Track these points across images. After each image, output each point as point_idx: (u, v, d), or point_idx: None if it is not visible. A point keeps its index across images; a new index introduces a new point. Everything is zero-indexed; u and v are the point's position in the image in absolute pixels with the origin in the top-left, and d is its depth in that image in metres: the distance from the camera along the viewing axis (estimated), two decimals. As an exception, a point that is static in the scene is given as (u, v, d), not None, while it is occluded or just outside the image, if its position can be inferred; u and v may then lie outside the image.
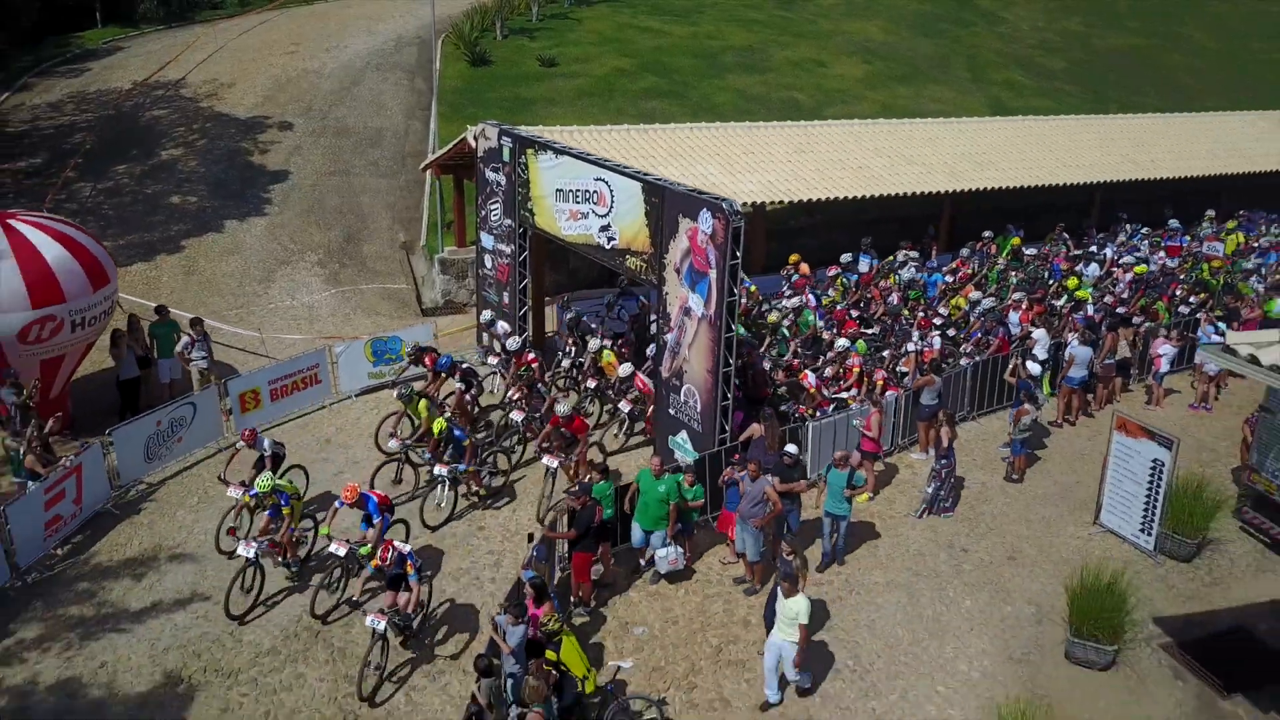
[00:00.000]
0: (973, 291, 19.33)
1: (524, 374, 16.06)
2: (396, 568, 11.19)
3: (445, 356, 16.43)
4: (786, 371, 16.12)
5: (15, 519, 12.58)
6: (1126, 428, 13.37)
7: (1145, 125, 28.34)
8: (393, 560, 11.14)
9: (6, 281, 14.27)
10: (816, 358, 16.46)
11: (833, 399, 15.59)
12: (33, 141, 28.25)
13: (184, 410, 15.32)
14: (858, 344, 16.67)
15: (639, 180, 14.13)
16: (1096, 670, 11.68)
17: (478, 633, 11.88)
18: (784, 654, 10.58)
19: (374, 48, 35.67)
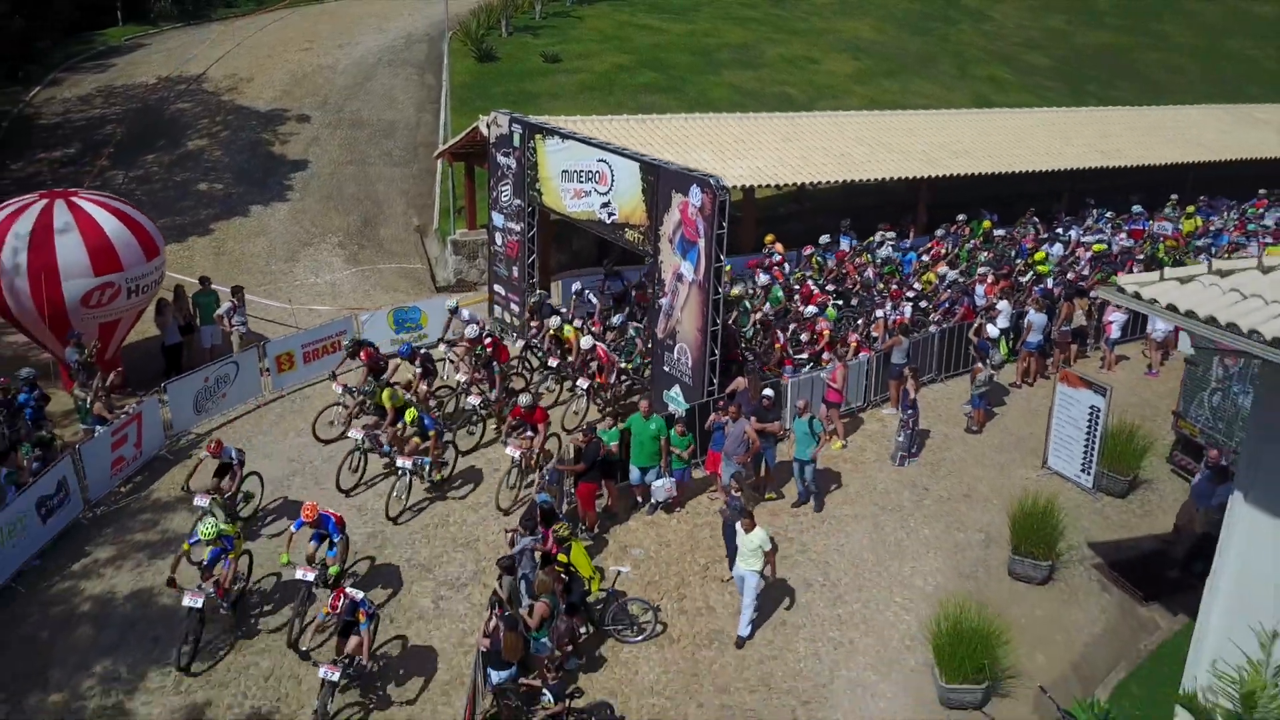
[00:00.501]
0: (942, 267, 21.03)
1: (480, 353, 16.65)
2: (348, 615, 10.92)
3: (405, 345, 16.99)
4: (760, 333, 17.79)
5: (87, 458, 14.30)
6: (1068, 379, 15.11)
7: (1113, 117, 30.08)
8: (344, 608, 10.86)
9: (72, 252, 15.99)
10: (787, 326, 18.11)
11: (795, 358, 17.25)
12: (65, 133, 29.99)
13: (228, 369, 17.06)
14: (827, 311, 18.38)
15: (636, 160, 15.86)
16: (1035, 584, 13.42)
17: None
18: (747, 582, 12.11)
19: (385, 45, 37.38)
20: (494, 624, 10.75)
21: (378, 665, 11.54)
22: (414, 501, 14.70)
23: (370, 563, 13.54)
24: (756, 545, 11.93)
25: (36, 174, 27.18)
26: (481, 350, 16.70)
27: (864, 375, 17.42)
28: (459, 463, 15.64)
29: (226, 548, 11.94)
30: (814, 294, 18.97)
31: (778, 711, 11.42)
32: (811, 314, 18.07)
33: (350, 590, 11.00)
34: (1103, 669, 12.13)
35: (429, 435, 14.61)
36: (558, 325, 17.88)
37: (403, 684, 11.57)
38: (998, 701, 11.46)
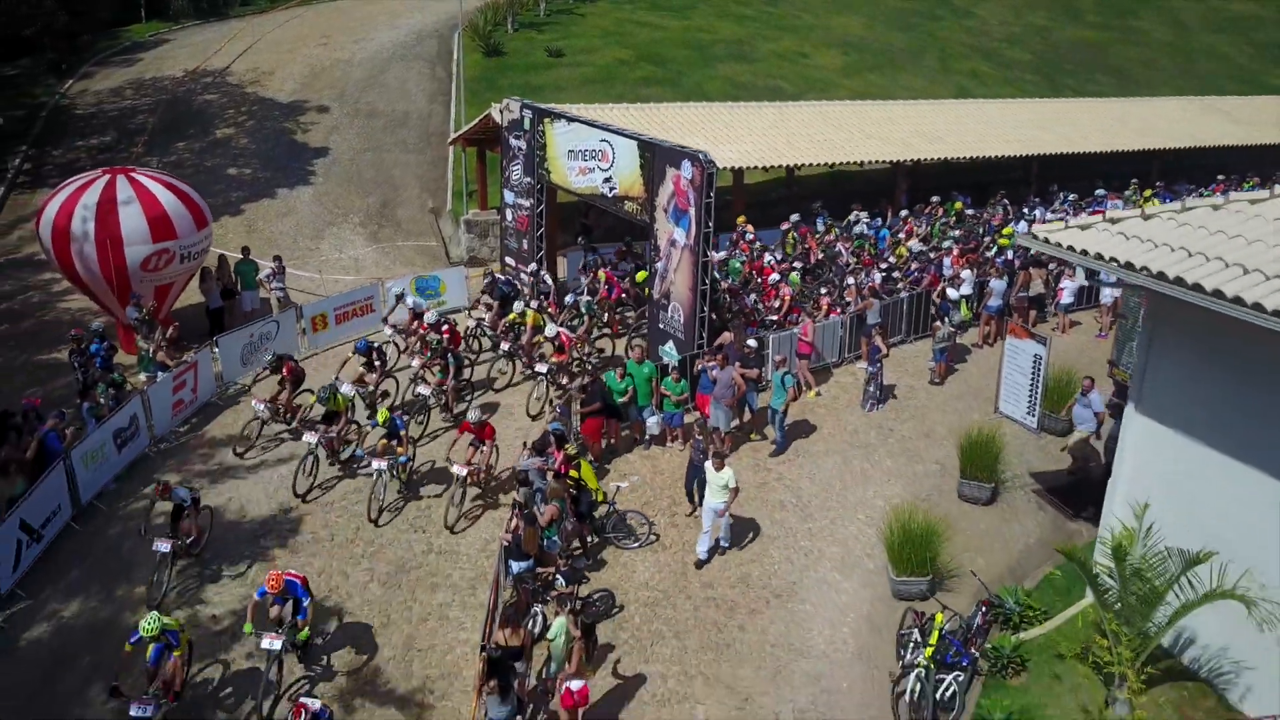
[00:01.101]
0: (913, 241, 23.06)
1: (435, 344, 17.14)
2: None
3: (362, 340, 17.34)
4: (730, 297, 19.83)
5: (154, 398, 16.34)
6: (1015, 332, 17.09)
7: (1083, 108, 32.10)
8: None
9: (133, 221, 18.02)
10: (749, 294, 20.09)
11: (762, 319, 19.21)
12: (101, 122, 32.03)
13: (269, 327, 19.09)
14: (790, 278, 20.38)
15: (635, 139, 17.89)
16: (980, 505, 15.46)
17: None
18: (714, 510, 13.83)
19: (397, 40, 39.41)
20: (515, 523, 12.78)
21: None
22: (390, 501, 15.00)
23: (338, 621, 12.89)
24: (723, 483, 13.58)
25: (76, 160, 29.22)
26: (438, 341, 17.20)
27: (838, 334, 19.45)
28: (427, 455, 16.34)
29: (171, 643, 10.96)
30: (766, 268, 20.87)
31: (754, 602, 13.45)
32: (775, 281, 20.08)
33: (307, 701, 10.19)
34: (1033, 569, 14.16)
35: (399, 435, 14.78)
36: (520, 311, 18.67)
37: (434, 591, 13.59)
38: (942, 594, 13.45)
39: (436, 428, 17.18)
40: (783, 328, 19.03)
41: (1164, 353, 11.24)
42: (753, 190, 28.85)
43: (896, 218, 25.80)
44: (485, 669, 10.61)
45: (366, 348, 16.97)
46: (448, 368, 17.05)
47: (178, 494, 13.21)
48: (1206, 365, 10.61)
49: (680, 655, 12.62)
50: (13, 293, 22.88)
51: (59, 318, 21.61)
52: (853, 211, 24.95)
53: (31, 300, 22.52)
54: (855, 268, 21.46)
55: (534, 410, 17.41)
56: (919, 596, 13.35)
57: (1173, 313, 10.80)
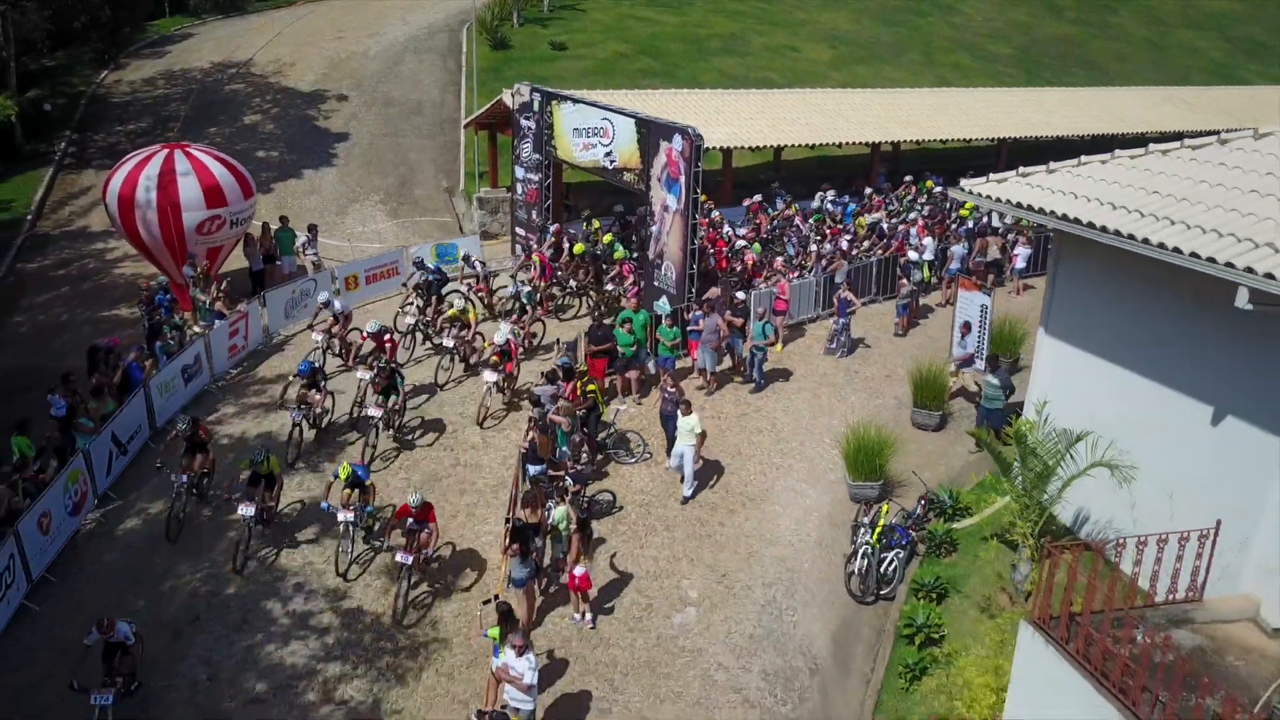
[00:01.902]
0: (874, 215, 25.50)
1: (382, 364, 16.79)
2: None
3: (305, 363, 16.76)
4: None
5: (214, 341, 18.77)
6: (964, 285, 19.54)
7: (1051, 96, 34.48)
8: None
9: (190, 190, 20.43)
10: None
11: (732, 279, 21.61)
12: (136, 110, 34.42)
13: (308, 285, 21.52)
14: (754, 246, 22.78)
15: (632, 117, 20.30)
16: (930, 430, 17.87)
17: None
18: (686, 456, 15.86)
19: (409, 35, 41.80)
20: (531, 434, 15.20)
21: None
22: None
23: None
24: (690, 428, 15.59)
25: (116, 143, 31.61)
26: (383, 363, 16.86)
27: (813, 291, 21.88)
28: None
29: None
30: (719, 240, 23.10)
31: (732, 504, 15.88)
32: (741, 246, 22.52)
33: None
34: (970, 478, 16.57)
35: (366, 485, 14.40)
36: (461, 308, 19.08)
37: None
38: (891, 500, 15.84)
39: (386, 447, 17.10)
40: (752, 287, 21.42)
41: (1064, 286, 13.64)
42: (743, 171, 31.30)
43: (864, 196, 28.16)
44: (509, 536, 13.05)
45: (309, 370, 16.51)
46: (395, 388, 16.68)
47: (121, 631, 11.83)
48: (1093, 294, 13.00)
49: (670, 544, 15.06)
50: (70, 260, 25.31)
51: (114, 281, 24.06)
52: (820, 191, 27.33)
53: (88, 266, 24.94)
54: (816, 238, 23.83)
55: (483, 421, 17.44)
56: (871, 499, 15.74)
57: (1073, 250, 13.19)
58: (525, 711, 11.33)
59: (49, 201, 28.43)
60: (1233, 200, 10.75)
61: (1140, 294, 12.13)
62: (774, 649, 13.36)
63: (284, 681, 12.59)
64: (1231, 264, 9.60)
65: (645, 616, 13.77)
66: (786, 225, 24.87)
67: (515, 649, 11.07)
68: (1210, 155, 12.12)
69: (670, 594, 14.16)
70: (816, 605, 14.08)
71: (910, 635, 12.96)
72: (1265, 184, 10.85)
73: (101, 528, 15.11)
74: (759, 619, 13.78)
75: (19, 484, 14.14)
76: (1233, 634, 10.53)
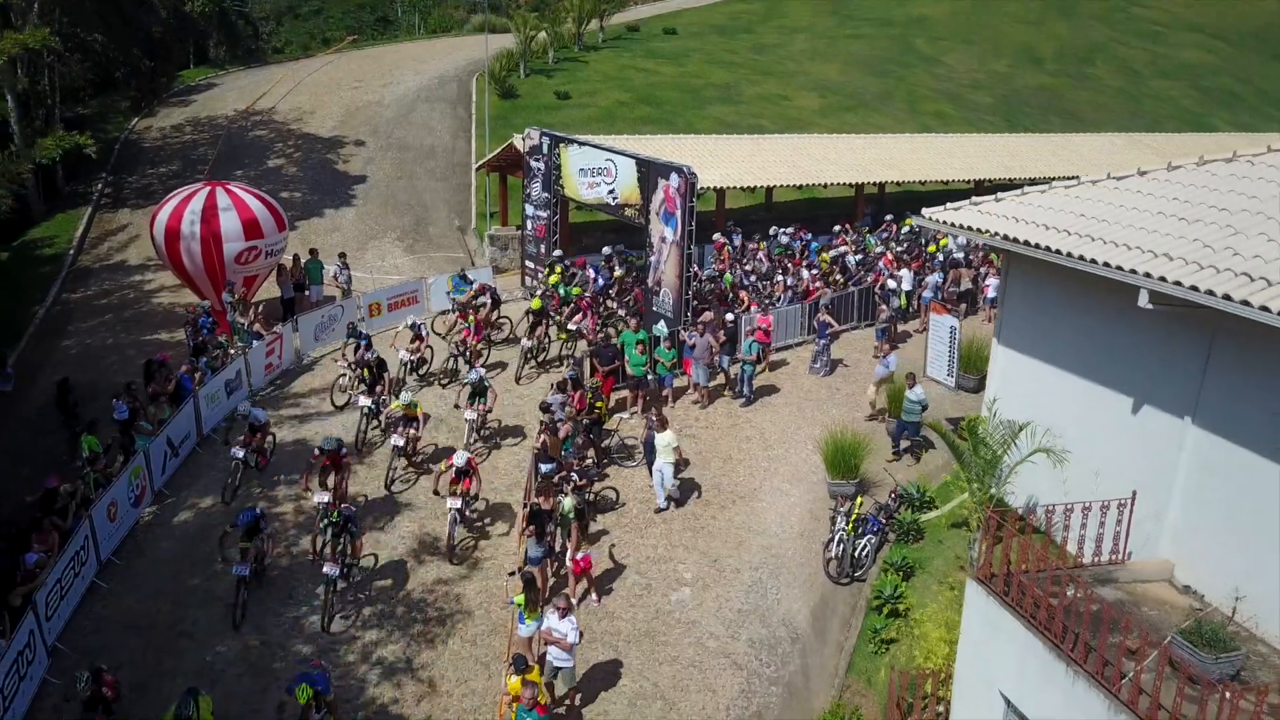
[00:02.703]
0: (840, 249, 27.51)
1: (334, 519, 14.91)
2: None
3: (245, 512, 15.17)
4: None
5: (253, 359, 20.65)
6: (936, 309, 21.45)
7: (1024, 141, 36.73)
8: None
9: (231, 223, 22.44)
10: None
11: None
12: (166, 154, 36.65)
13: (335, 311, 23.45)
14: (725, 277, 24.75)
15: (633, 158, 22.36)
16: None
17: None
18: (665, 473, 17.50)
19: (422, 84, 44.19)
20: (543, 437, 17.02)
21: None
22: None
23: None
24: (667, 443, 17.15)
25: (149, 185, 33.81)
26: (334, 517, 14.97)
27: (796, 319, 23.84)
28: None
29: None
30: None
31: (723, 501, 17.65)
32: (714, 275, 24.55)
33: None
34: (939, 478, 18.34)
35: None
36: (409, 402, 17.78)
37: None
38: (866, 495, 17.59)
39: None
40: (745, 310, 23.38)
41: (1013, 300, 15.54)
42: (736, 212, 33.38)
43: (832, 234, 30.13)
44: (526, 519, 14.82)
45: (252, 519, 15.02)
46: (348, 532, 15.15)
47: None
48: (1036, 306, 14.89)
49: (667, 535, 16.82)
50: (111, 290, 27.26)
51: (153, 309, 26.01)
52: (772, 228, 29.32)
53: (128, 296, 26.90)
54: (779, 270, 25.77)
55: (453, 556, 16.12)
56: (848, 495, 17.48)
57: (1019, 269, 15.11)
58: (567, 669, 12.99)
59: (88, 238, 30.48)
60: (1143, 220, 12.68)
61: (1073, 303, 14.02)
62: (760, 621, 15.05)
63: (327, 645, 14.28)
64: (1134, 270, 11.51)
65: (645, 594, 15.49)
66: (748, 259, 26.80)
67: (559, 611, 12.73)
68: (1130, 185, 14.10)
69: (668, 576, 15.89)
70: (798, 585, 15.80)
71: (879, 606, 14.68)
72: (1170, 207, 12.80)
73: (157, 519, 16.86)
74: (746, 596, 15.50)
75: (90, 476, 15.92)
76: (1150, 590, 12.28)
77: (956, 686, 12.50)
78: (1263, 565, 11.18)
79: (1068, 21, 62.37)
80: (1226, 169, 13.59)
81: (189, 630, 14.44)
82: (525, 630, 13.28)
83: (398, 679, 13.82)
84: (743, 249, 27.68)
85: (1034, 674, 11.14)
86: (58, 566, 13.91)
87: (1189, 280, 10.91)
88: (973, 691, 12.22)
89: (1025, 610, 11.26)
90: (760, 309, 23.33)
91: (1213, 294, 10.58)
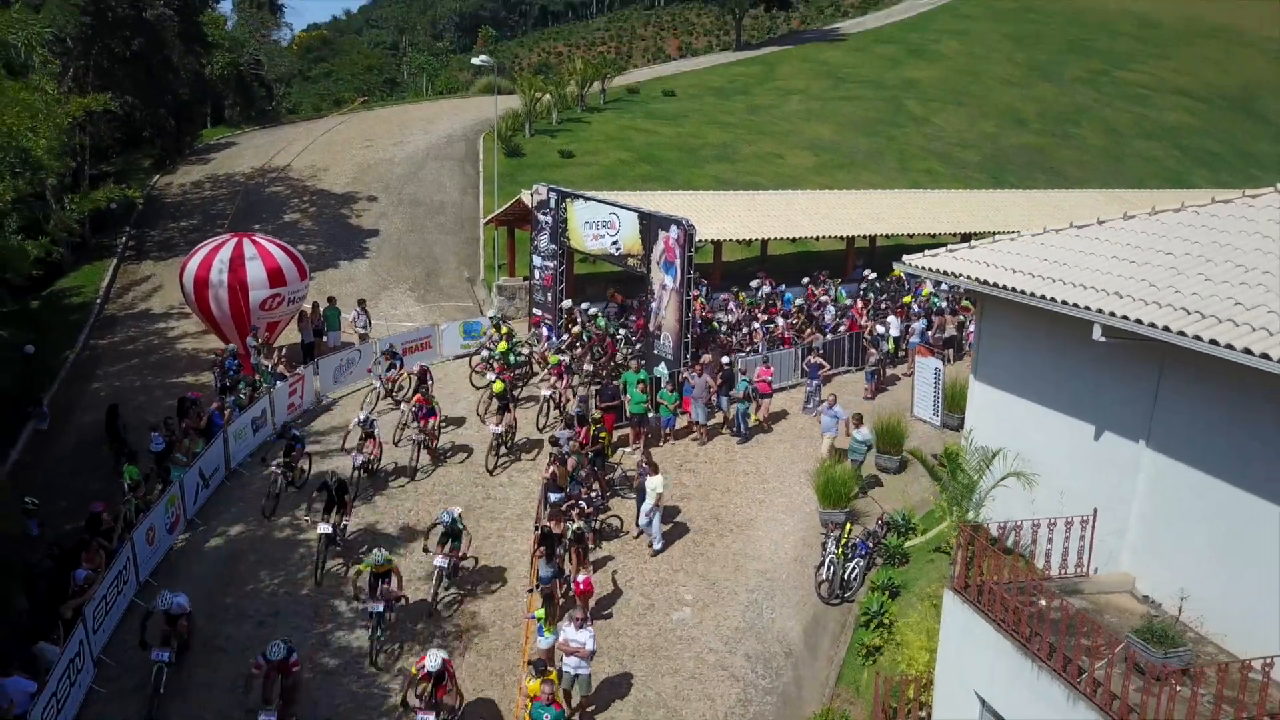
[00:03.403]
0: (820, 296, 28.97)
1: None
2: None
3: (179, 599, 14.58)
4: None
5: (277, 398, 21.90)
6: (921, 352, 22.78)
7: (1007, 197, 38.39)
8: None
9: (256, 271, 23.85)
10: None
11: None
12: (187, 209, 38.28)
13: (353, 354, 24.76)
14: (710, 325, 26.14)
15: (635, 211, 23.85)
16: (892, 473, 20.85)
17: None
18: (653, 516, 18.46)
19: (430, 143, 46.03)
20: (551, 468, 18.20)
21: None
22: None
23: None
24: (654, 487, 18.31)
25: (170, 238, 35.36)
26: None
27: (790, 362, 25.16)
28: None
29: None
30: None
31: (722, 529, 18.77)
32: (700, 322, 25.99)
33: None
34: (924, 509, 19.48)
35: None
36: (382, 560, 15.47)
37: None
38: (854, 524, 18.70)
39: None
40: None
41: (987, 339, 16.85)
42: (734, 265, 34.87)
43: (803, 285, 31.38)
44: (538, 541, 15.96)
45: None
46: None
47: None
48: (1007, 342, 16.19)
49: (668, 559, 17.93)
50: (136, 337, 28.59)
51: (177, 355, 27.32)
52: (754, 280, 30.69)
53: (153, 342, 28.22)
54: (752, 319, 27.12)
55: None
56: (839, 523, 18.61)
57: (992, 310, 16.44)
58: (584, 676, 14.00)
59: (114, 288, 31.90)
60: (1098, 263, 14.03)
61: (1038, 340, 15.32)
62: (755, 638, 16.11)
63: (351, 658, 15.32)
64: (1089, 306, 12.82)
65: (648, 613, 16.56)
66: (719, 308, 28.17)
67: (576, 622, 13.81)
68: (1089, 232, 15.49)
69: (669, 597, 16.98)
70: (791, 606, 16.87)
71: (866, 622, 15.75)
72: (1123, 251, 14.16)
73: (190, 544, 17.98)
74: (743, 615, 16.57)
75: (132, 503, 17.08)
76: (1112, 600, 13.38)
77: (937, 689, 13.55)
78: (1211, 574, 12.32)
79: (1053, 85, 64.67)
80: (1175, 218, 14.99)
81: (223, 645, 15.49)
82: (544, 642, 14.34)
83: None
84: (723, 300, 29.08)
85: (1004, 673, 12.24)
86: (104, 583, 15.01)
87: (1135, 314, 12.22)
88: (951, 693, 13.28)
89: (996, 615, 12.38)
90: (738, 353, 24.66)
91: (1155, 326, 11.88)
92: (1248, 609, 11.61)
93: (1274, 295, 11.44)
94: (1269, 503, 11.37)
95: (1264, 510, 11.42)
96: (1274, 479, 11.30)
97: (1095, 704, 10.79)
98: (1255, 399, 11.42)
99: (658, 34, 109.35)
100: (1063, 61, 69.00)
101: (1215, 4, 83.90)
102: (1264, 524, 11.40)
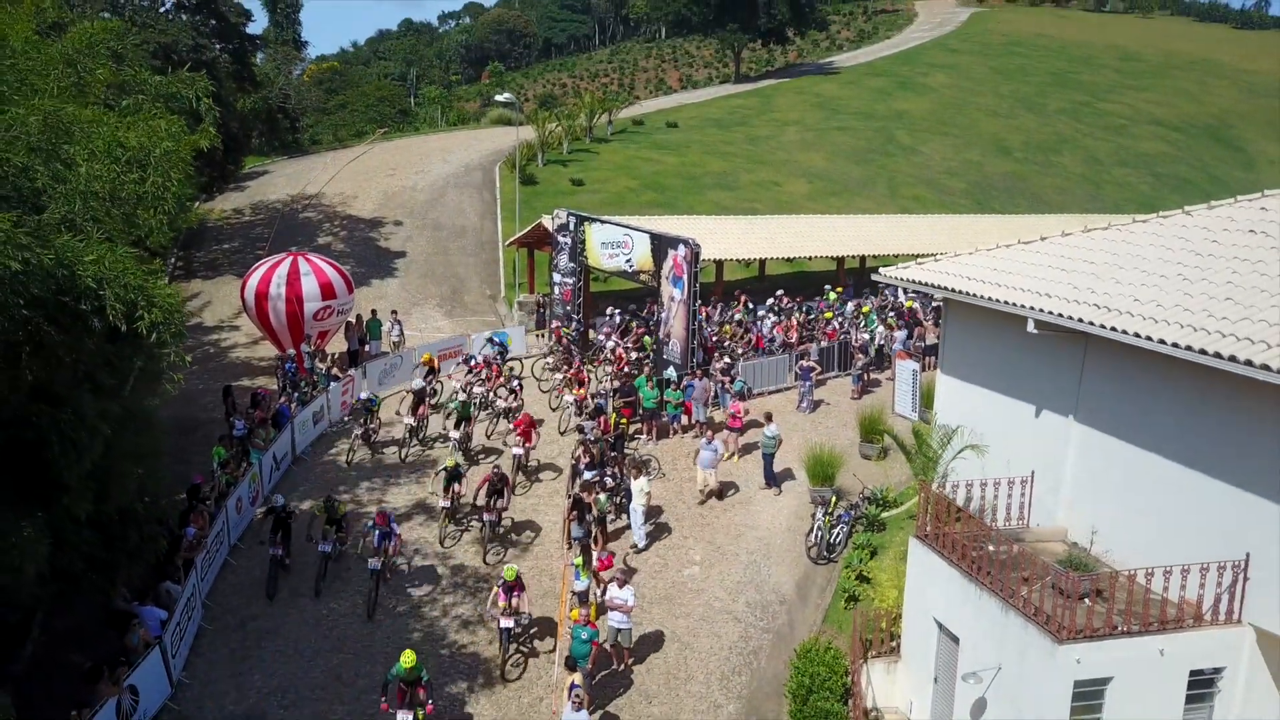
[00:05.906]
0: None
1: None
2: None
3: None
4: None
5: (332, 397, 24.88)
6: (900, 356, 25.75)
7: (988, 222, 41.51)
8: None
9: (310, 286, 26.85)
10: None
11: None
12: (228, 233, 41.35)
13: (395, 360, 27.75)
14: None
15: (647, 233, 26.93)
16: (874, 460, 23.77)
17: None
18: (636, 512, 20.94)
19: (450, 171, 49.23)
20: (580, 450, 21.13)
21: None
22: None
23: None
24: (640, 488, 20.85)
25: (214, 259, 38.41)
26: None
27: (786, 366, 28.16)
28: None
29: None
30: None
31: (725, 506, 21.69)
32: None
33: None
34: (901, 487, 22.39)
35: None
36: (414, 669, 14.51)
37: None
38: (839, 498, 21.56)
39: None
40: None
41: (951, 337, 19.84)
42: (736, 283, 37.94)
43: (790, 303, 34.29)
44: (571, 505, 18.89)
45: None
46: None
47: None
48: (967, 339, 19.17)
49: (679, 529, 20.84)
50: (193, 347, 31.40)
51: (233, 361, 30.30)
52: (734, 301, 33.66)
53: (209, 351, 31.20)
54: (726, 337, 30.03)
55: None
56: (826, 498, 21.52)
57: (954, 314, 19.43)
58: (627, 630, 16.68)
59: (168, 304, 34.83)
60: (1036, 271, 17.06)
61: (988, 334, 18.30)
62: (754, 590, 18.99)
63: (416, 604, 18.19)
64: (1022, 305, 15.83)
65: (663, 570, 19.45)
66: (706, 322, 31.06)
67: (619, 582, 16.58)
68: (1033, 247, 18.53)
69: (680, 558, 19.87)
70: (785, 565, 19.76)
71: (850, 575, 18.63)
72: (1057, 261, 17.20)
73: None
74: (744, 572, 19.45)
75: (222, 477, 20.00)
76: (1047, 546, 16.28)
77: (905, 619, 16.44)
78: (1120, 516, 15.25)
79: (1036, 116, 68.18)
80: (1102, 235, 18.04)
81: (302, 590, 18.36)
82: (580, 584, 17.22)
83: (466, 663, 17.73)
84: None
85: (955, 599, 15.14)
86: (208, 540, 17.93)
87: (1058, 310, 15.23)
88: (915, 620, 16.17)
89: (950, 555, 15.29)
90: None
91: (1073, 319, 14.87)
92: (1140, 538, 14.54)
93: (1164, 293, 14.47)
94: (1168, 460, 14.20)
95: (1161, 464, 14.33)
96: (1173, 439, 14.17)
97: (1021, 612, 13.69)
98: (1154, 376, 14.38)
99: (659, 65, 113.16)
100: (1046, 93, 72.59)
101: (1194, 39, 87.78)
102: (1160, 474, 14.33)
